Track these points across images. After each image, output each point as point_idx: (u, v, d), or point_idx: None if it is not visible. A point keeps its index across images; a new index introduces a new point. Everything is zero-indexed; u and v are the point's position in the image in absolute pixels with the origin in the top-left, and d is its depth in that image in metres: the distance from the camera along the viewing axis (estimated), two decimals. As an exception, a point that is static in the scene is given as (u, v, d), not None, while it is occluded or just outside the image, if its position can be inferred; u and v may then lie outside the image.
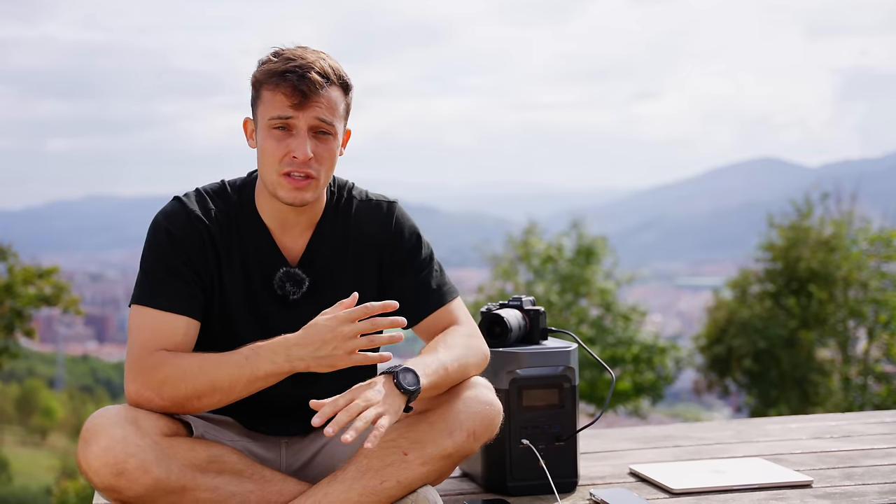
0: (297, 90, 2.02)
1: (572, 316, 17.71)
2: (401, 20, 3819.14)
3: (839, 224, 17.36)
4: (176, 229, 2.09)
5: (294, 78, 2.02)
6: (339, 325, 1.93)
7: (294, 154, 2.04)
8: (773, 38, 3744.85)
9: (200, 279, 2.10)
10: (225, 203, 2.16)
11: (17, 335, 18.12)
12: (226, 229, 2.14)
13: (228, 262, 2.13)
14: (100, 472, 1.88)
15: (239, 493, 2.03)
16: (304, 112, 2.03)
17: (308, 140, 2.04)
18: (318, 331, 1.94)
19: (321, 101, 2.04)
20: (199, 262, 2.10)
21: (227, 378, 1.96)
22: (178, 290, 2.06)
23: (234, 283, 2.13)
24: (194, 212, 2.12)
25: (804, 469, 2.71)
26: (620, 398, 17.29)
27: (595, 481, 2.62)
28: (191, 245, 2.09)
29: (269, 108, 2.05)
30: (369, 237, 2.21)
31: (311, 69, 2.03)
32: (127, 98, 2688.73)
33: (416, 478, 2.06)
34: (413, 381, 1.97)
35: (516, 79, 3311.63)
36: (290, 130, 2.05)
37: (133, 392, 1.98)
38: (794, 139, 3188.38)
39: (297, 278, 2.17)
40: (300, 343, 1.94)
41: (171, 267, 2.07)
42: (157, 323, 2.03)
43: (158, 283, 2.06)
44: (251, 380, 1.97)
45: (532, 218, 19.27)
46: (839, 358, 17.14)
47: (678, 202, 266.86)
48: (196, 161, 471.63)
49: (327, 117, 2.05)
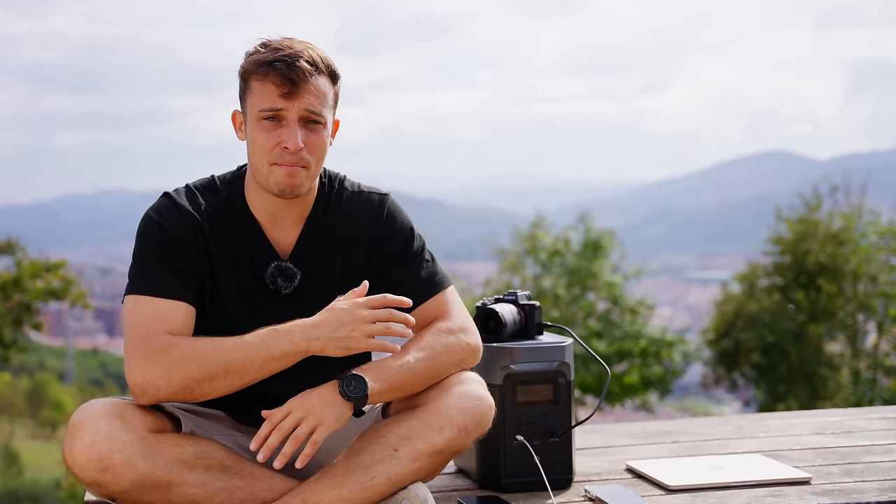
0: (286, 79, 2.00)
1: (580, 310, 17.67)
2: (407, 13, 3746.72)
3: (848, 217, 17.29)
4: (167, 224, 2.08)
5: (283, 67, 2.00)
6: (358, 309, 1.95)
7: (285, 144, 2.02)
8: (782, 31, 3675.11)
9: (193, 272, 2.09)
10: (215, 198, 2.15)
11: (26, 329, 18.20)
12: (216, 224, 2.12)
13: (220, 256, 2.12)
14: (85, 467, 1.87)
15: (226, 489, 2.01)
16: (293, 102, 2.02)
17: (298, 130, 2.03)
18: (337, 314, 1.97)
19: (311, 89, 2.02)
20: (192, 257, 2.08)
21: (241, 359, 1.95)
22: (173, 279, 2.04)
23: (226, 278, 2.12)
24: (184, 206, 2.10)
25: (803, 465, 2.68)
26: (628, 392, 17.25)
27: (591, 477, 2.60)
28: (182, 240, 2.08)
29: (259, 99, 2.04)
30: (360, 229, 2.19)
31: (300, 58, 2.02)
32: (134, 92, 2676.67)
33: (406, 474, 2.04)
34: (359, 388, 1.97)
35: (523, 71, 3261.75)
36: (280, 121, 2.04)
37: (139, 378, 1.94)
38: (804, 132, 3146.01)
39: (289, 272, 2.15)
40: (318, 325, 1.96)
41: (164, 257, 2.06)
42: (156, 309, 2.01)
43: (153, 272, 2.04)
44: (267, 360, 1.96)
45: (539, 211, 19.23)
46: (848, 352, 17.08)
47: (686, 195, 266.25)
48: (203, 154, 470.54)
49: (317, 107, 2.04)
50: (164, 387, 1.94)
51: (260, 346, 1.95)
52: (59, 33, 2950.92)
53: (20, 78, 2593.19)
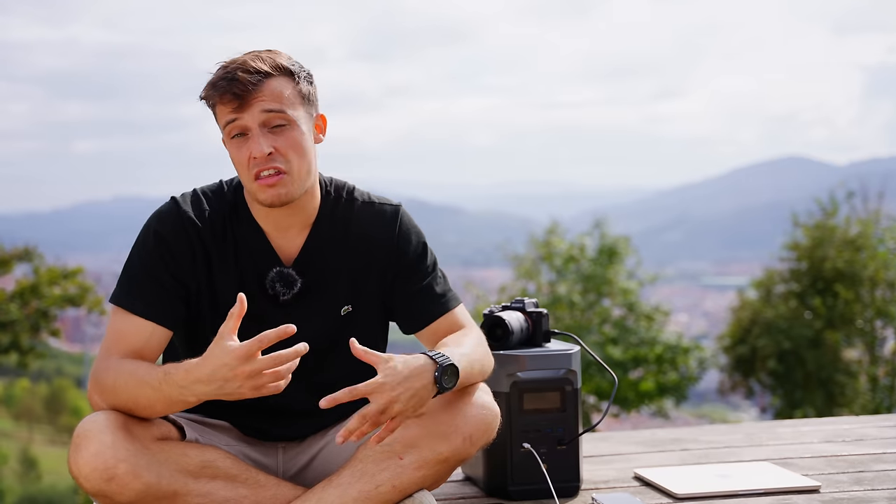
0: (233, 95, 2.00)
1: (595, 316, 17.62)
2: (422, 20, 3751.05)
3: (866, 223, 17.18)
4: (166, 232, 2.08)
5: (224, 84, 2.00)
6: (240, 366, 1.80)
7: (253, 155, 2.01)
8: (799, 35, 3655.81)
9: (184, 287, 2.08)
10: (221, 203, 2.15)
11: (44, 335, 18.29)
12: (220, 230, 2.12)
13: (221, 263, 2.11)
14: (90, 477, 1.87)
15: (232, 499, 2.01)
16: (246, 112, 2.01)
17: (262, 137, 2.01)
18: (216, 369, 1.81)
19: (261, 95, 2.00)
20: (186, 268, 2.08)
21: (145, 397, 1.93)
22: (154, 296, 2.04)
23: (227, 284, 2.11)
24: (187, 213, 2.10)
25: (813, 474, 2.66)
26: (644, 399, 17.18)
27: (599, 485, 2.59)
28: (178, 249, 2.07)
29: (220, 120, 2.05)
30: (372, 241, 2.17)
31: (238, 70, 2.00)
32: (151, 99, 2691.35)
33: (411, 482, 2.04)
34: (453, 380, 1.95)
35: (539, 77, 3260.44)
36: (246, 135, 2.03)
37: (88, 393, 2.01)
38: (821, 137, 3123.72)
39: (290, 279, 2.13)
40: (202, 380, 1.83)
41: (153, 272, 2.06)
42: (124, 325, 2.03)
43: (137, 286, 2.05)
44: (168, 404, 1.92)
45: (555, 218, 19.20)
46: (866, 359, 16.95)
47: (703, 201, 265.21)
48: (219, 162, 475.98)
49: (274, 106, 2.01)
50: (101, 406, 1.98)
51: (160, 390, 1.90)
52: (75, 41, 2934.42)
53: (38, 85, 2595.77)
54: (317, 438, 2.23)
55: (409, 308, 2.17)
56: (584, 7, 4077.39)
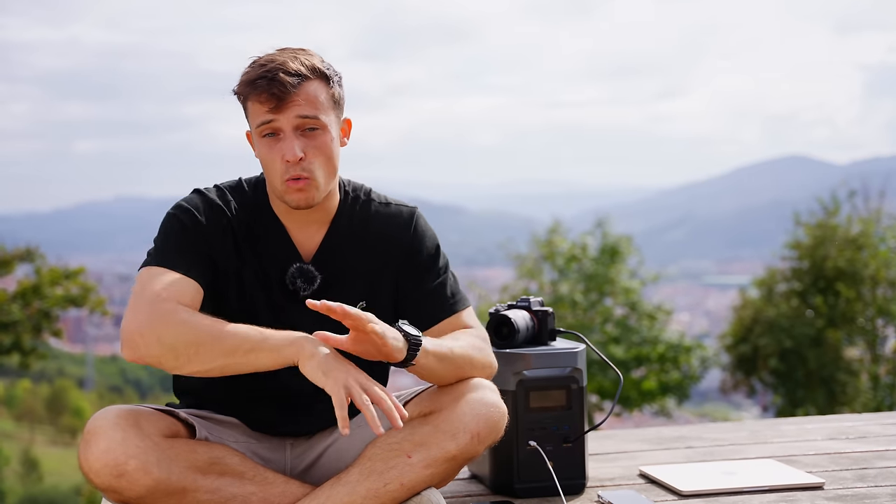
0: (271, 95, 2.02)
1: (597, 315, 17.63)
2: (425, 19, 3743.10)
3: (867, 222, 17.19)
4: (200, 213, 2.10)
5: (264, 83, 2.02)
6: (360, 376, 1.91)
7: (286, 158, 2.04)
8: (800, 35, 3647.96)
9: (215, 263, 2.09)
10: (242, 198, 2.17)
11: (46, 336, 18.30)
12: (244, 223, 2.15)
13: (247, 253, 2.14)
14: (100, 473, 1.89)
15: (240, 495, 2.03)
16: (283, 114, 2.03)
17: (296, 140, 2.04)
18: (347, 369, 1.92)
19: (298, 98, 2.03)
20: (219, 249, 2.10)
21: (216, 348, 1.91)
22: (195, 257, 2.05)
23: (252, 275, 2.14)
24: (216, 202, 2.13)
25: (817, 471, 2.68)
26: (646, 398, 17.20)
27: (604, 483, 2.61)
28: (212, 231, 2.09)
29: (254, 118, 2.07)
30: (389, 241, 2.21)
31: (279, 70, 2.02)
32: (153, 99, 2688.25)
33: (419, 480, 2.05)
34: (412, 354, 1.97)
35: (541, 77, 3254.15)
36: (278, 135, 2.06)
37: (133, 330, 1.91)
38: (823, 136, 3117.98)
39: (310, 275, 2.16)
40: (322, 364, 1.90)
41: (190, 238, 2.06)
42: (173, 279, 2.00)
43: (177, 248, 2.05)
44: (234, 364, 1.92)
45: (557, 217, 19.21)
46: (868, 357, 16.97)
47: (705, 200, 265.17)
48: (223, 162, 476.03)
49: (309, 112, 2.04)
50: (153, 346, 1.90)
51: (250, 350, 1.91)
52: (77, 41, 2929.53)
53: (39, 85, 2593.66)
54: (325, 435, 2.25)
55: (418, 307, 2.19)
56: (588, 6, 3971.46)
